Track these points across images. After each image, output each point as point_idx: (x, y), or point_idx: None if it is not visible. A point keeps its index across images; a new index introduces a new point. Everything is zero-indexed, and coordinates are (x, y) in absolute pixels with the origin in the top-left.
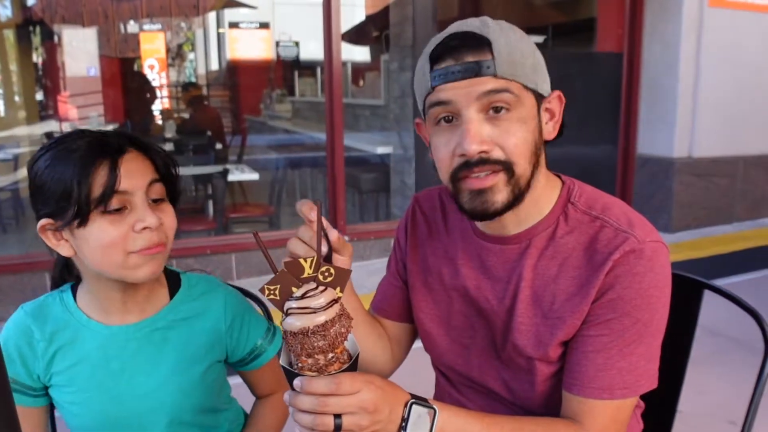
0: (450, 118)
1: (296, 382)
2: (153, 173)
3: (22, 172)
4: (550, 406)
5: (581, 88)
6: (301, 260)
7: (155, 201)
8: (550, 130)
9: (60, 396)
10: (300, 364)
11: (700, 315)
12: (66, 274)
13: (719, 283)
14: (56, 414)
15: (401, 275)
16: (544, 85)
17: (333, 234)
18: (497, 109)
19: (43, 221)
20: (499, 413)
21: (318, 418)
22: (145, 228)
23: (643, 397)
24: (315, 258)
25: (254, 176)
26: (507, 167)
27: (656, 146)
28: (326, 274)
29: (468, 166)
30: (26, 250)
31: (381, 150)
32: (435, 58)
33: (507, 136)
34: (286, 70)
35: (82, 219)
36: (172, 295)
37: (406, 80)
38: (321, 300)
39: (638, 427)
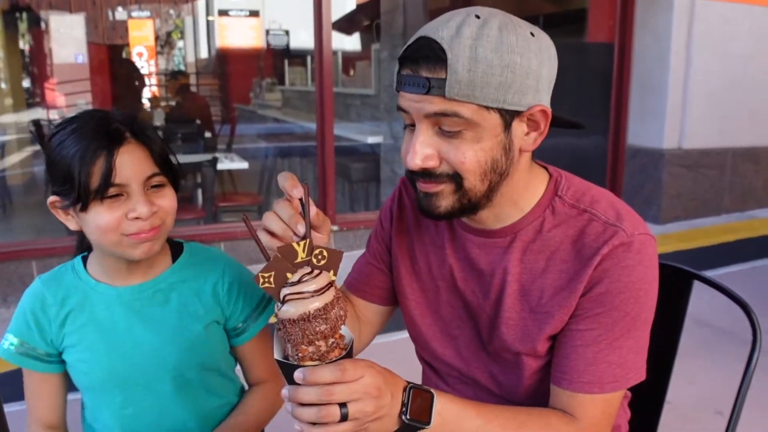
0: (412, 122)
1: (297, 373)
2: (150, 165)
3: (9, 160)
4: (538, 399)
5: (572, 78)
6: (294, 244)
7: (155, 186)
8: (530, 142)
9: (71, 356)
10: (300, 354)
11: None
12: (84, 241)
13: (707, 274)
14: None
15: (382, 258)
16: (519, 99)
17: (312, 209)
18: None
19: (52, 198)
20: None
21: (323, 410)
22: (137, 217)
23: (631, 387)
24: (308, 241)
25: (243, 165)
26: (455, 179)
27: (646, 137)
28: (320, 257)
29: (415, 173)
30: (13, 238)
31: (371, 140)
32: (401, 60)
33: (455, 153)
34: (276, 58)
35: (83, 205)
36: (174, 260)
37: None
38: (318, 283)
39: (625, 416)
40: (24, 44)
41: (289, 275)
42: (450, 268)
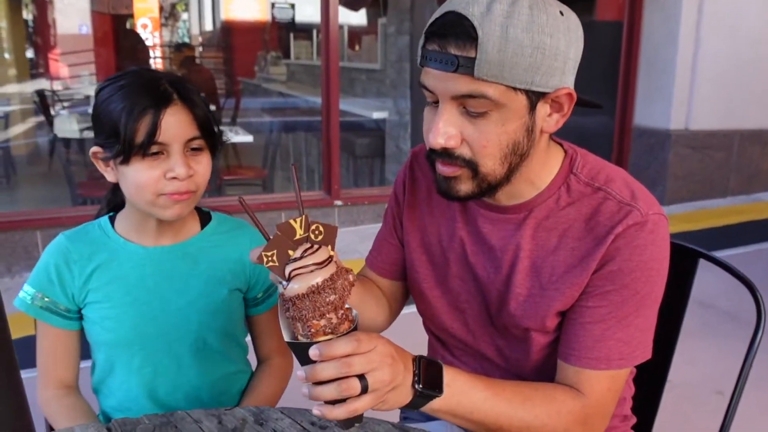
0: (436, 99)
1: (313, 350)
2: (193, 129)
3: (13, 131)
4: (544, 374)
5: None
6: (291, 221)
7: (194, 149)
8: (552, 124)
9: (94, 313)
10: (312, 330)
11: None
12: (115, 197)
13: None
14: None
15: (397, 232)
16: (547, 80)
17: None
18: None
19: (94, 149)
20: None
21: (343, 383)
22: (174, 177)
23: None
24: (304, 218)
25: (248, 138)
26: (471, 166)
27: (653, 118)
28: (316, 232)
29: (434, 152)
30: (17, 208)
31: (376, 115)
32: (428, 34)
33: (479, 137)
34: (282, 32)
35: (125, 158)
36: (203, 227)
37: (404, 44)
38: (321, 256)
39: (629, 391)
40: (28, 14)
41: (290, 252)
42: (461, 242)
